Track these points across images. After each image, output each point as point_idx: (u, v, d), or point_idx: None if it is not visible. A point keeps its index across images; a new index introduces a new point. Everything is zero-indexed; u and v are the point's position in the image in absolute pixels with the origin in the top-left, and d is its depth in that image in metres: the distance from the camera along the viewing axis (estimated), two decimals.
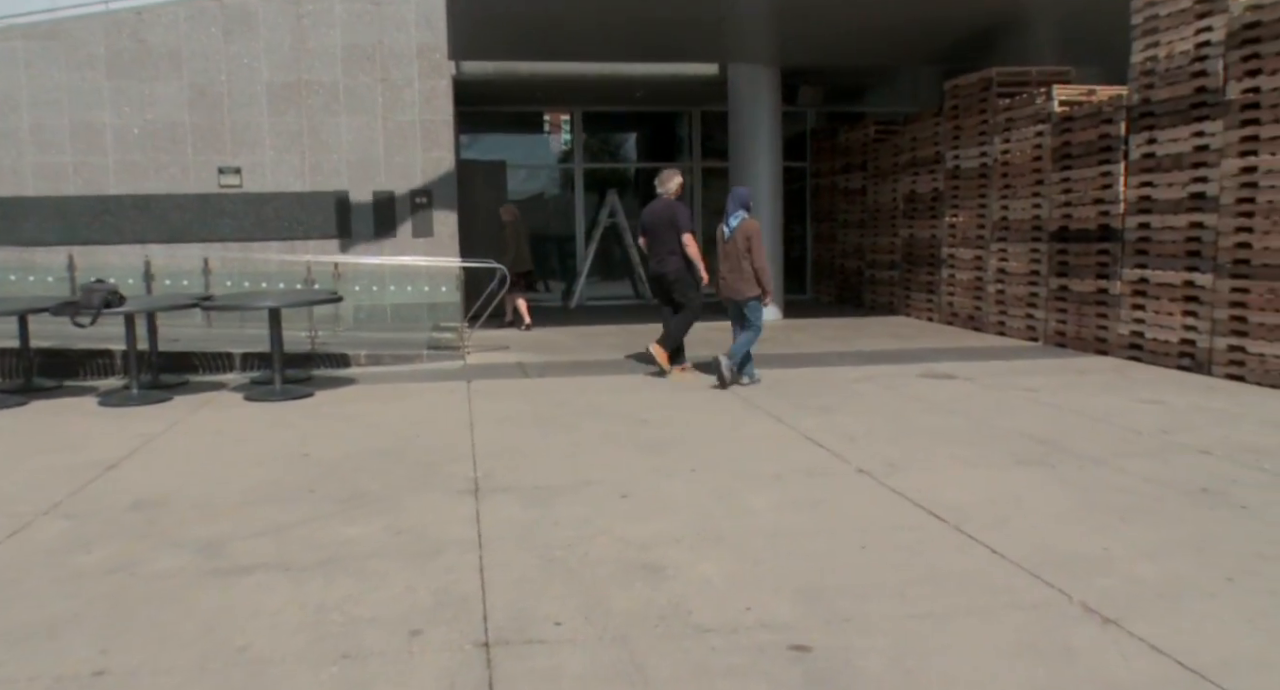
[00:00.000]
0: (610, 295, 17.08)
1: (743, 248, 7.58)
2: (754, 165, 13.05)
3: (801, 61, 12.84)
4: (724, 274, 7.80)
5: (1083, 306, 9.56)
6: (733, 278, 7.71)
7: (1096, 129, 9.27)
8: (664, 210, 8.32)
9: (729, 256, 7.72)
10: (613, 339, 11.43)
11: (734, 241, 7.66)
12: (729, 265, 7.72)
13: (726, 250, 7.75)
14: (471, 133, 17.27)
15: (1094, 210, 9.34)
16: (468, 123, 16.91)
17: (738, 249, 7.62)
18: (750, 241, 7.60)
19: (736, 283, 7.70)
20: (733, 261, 7.68)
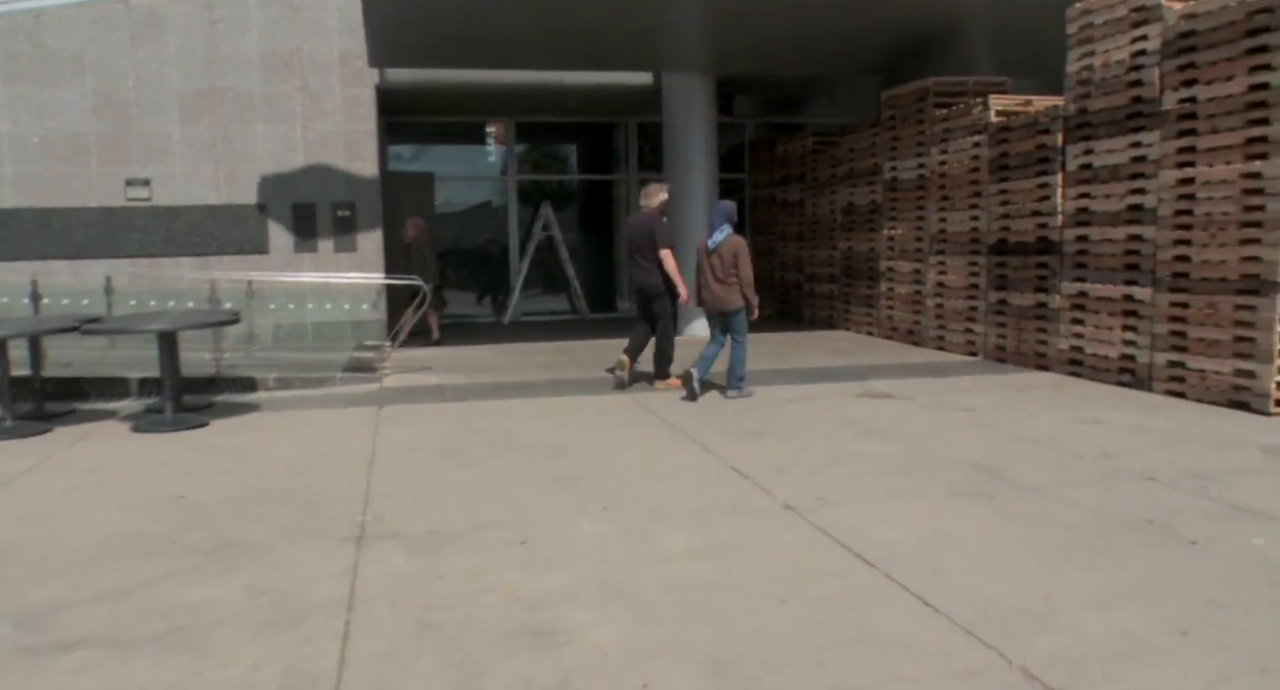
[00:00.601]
0: (547, 310, 16.61)
1: (729, 262, 7.71)
2: (689, 176, 12.69)
3: (737, 71, 12.53)
4: (710, 287, 7.88)
5: (1022, 321, 9.33)
6: (720, 289, 7.82)
7: (1033, 140, 9.05)
8: (644, 225, 8.33)
9: (714, 269, 7.81)
10: (543, 358, 10.96)
11: (719, 255, 7.77)
12: (714, 278, 7.82)
13: (711, 263, 7.83)
14: (406, 143, 16.72)
15: (1032, 222, 9.11)
16: (400, 134, 16.36)
17: (724, 263, 7.73)
18: (738, 257, 7.72)
19: (724, 293, 7.81)
20: (718, 274, 7.79)
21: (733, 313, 7.86)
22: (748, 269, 7.75)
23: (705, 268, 7.87)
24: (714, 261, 7.80)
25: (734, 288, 7.77)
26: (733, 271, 7.71)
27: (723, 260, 7.75)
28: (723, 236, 7.82)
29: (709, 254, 7.84)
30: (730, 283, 7.75)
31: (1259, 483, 4.92)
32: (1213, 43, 7.10)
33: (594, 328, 14.42)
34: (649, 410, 7.37)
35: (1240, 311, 6.89)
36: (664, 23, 10.41)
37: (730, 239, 7.80)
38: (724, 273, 7.74)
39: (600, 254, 17.31)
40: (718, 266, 7.78)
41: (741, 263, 7.73)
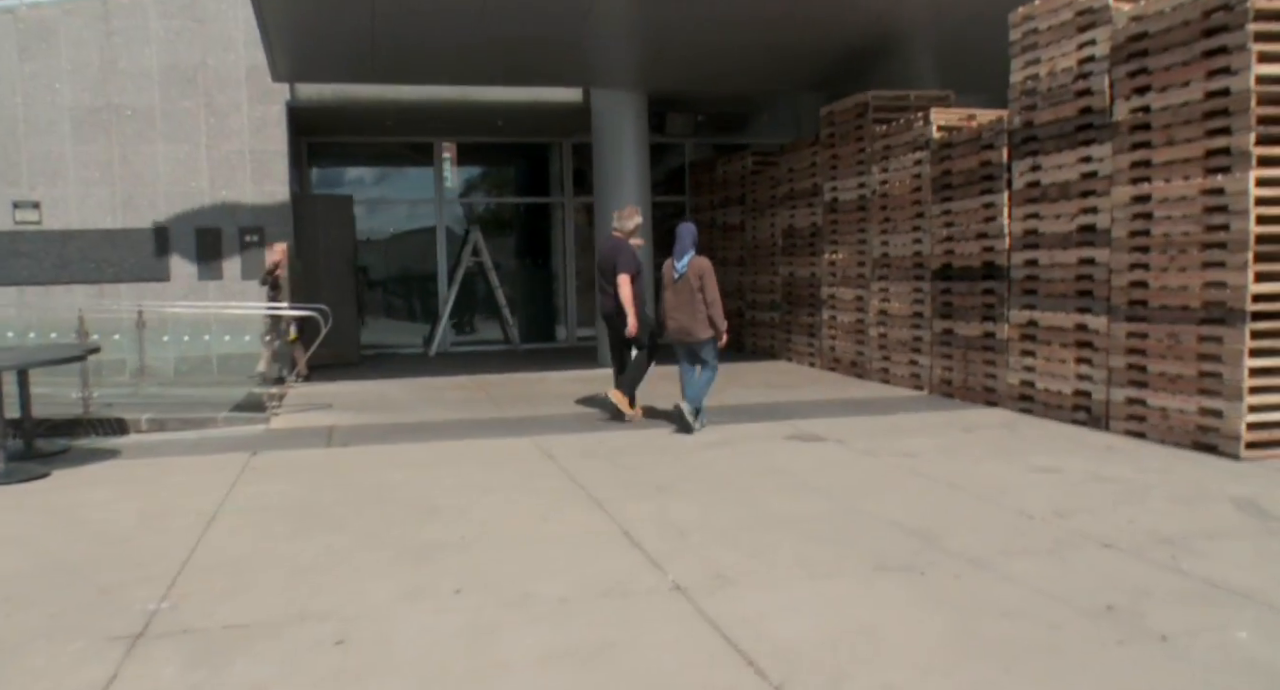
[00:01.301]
0: (478, 340, 15.74)
1: (695, 286, 7.24)
2: (620, 198, 11.92)
3: (669, 86, 11.86)
4: (674, 316, 7.42)
5: (969, 352, 8.64)
6: (685, 319, 7.34)
7: (977, 156, 8.41)
8: (610, 250, 8.05)
9: (680, 296, 7.35)
10: (458, 393, 10.10)
11: (686, 281, 7.30)
12: (680, 306, 7.36)
13: (678, 290, 7.36)
14: (335, 166, 15.84)
15: (977, 245, 8.45)
16: (326, 155, 15.49)
17: (690, 288, 7.27)
18: (703, 280, 7.26)
19: (689, 324, 7.33)
20: (684, 302, 7.32)
21: (702, 344, 7.38)
22: (715, 292, 7.30)
23: (671, 298, 7.37)
24: (680, 290, 7.33)
25: (702, 316, 7.29)
26: (699, 296, 7.25)
27: (689, 287, 7.30)
28: (688, 260, 7.35)
29: (675, 281, 7.36)
30: (698, 311, 7.27)
31: (1235, 550, 4.19)
32: (1166, 46, 6.48)
33: (525, 360, 13.61)
34: (549, 457, 6.54)
35: (1204, 343, 6.23)
36: (588, 34, 9.70)
37: (696, 261, 7.35)
38: (691, 300, 7.28)
39: (536, 281, 16.50)
40: (684, 294, 7.31)
41: (708, 286, 7.26)
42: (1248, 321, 5.94)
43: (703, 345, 7.39)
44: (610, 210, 12.14)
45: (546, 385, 10.72)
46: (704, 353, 7.42)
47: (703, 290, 7.25)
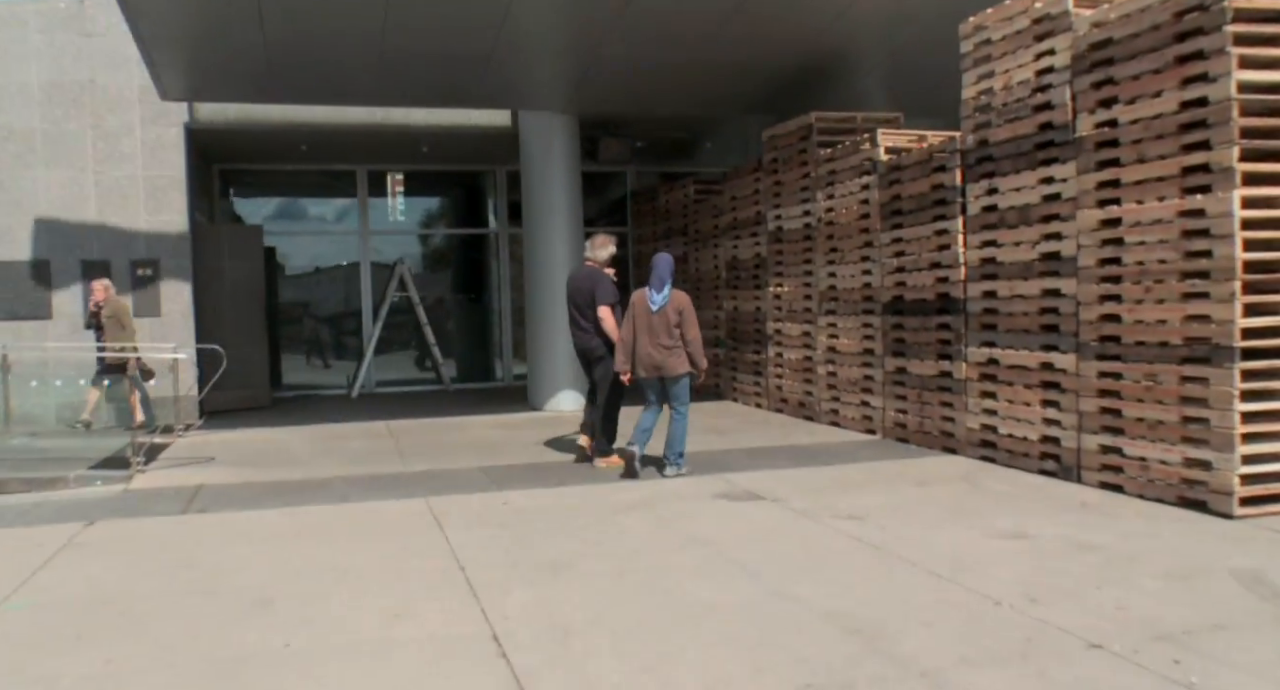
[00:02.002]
0: (407, 379, 14.72)
1: (674, 321, 6.93)
2: (548, 228, 11.08)
3: (601, 109, 11.06)
4: (648, 350, 6.99)
5: (924, 393, 7.82)
6: (659, 353, 6.95)
7: (928, 179, 7.65)
8: (585, 280, 7.60)
9: (654, 330, 6.97)
10: (364, 443, 9.09)
11: (664, 314, 6.94)
12: (653, 340, 6.97)
13: (652, 324, 6.97)
14: (255, 195, 14.84)
15: (930, 276, 7.67)
16: (242, 184, 14.50)
17: (667, 322, 6.93)
18: (683, 315, 6.96)
19: (665, 358, 6.95)
20: (659, 336, 6.95)
21: (677, 379, 6.98)
22: (695, 329, 7.01)
23: (644, 330, 6.98)
24: (655, 322, 6.93)
25: (678, 351, 6.93)
26: (678, 332, 6.92)
27: (667, 321, 6.91)
28: (667, 292, 6.96)
29: (650, 314, 6.96)
30: (674, 346, 6.92)
31: (1253, 648, 3.34)
32: (1134, 53, 5.76)
33: (453, 401, 12.63)
34: (437, 524, 5.57)
35: (1187, 384, 5.44)
36: (505, 51, 8.86)
37: (676, 295, 6.99)
38: (668, 335, 6.92)
39: (471, 317, 15.56)
40: (660, 328, 6.92)
41: (688, 322, 6.96)
42: (1237, 360, 5.17)
43: (676, 381, 6.98)
44: (540, 240, 11.31)
45: (467, 432, 9.75)
46: (677, 390, 7.01)
47: (681, 326, 6.91)
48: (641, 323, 6.97)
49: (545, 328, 11.22)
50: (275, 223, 14.47)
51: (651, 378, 7.00)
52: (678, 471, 6.96)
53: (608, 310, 7.41)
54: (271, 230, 14.37)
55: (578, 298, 7.59)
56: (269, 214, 14.77)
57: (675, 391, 6.99)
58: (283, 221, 14.64)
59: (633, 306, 7.06)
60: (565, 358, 11.17)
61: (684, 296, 7.01)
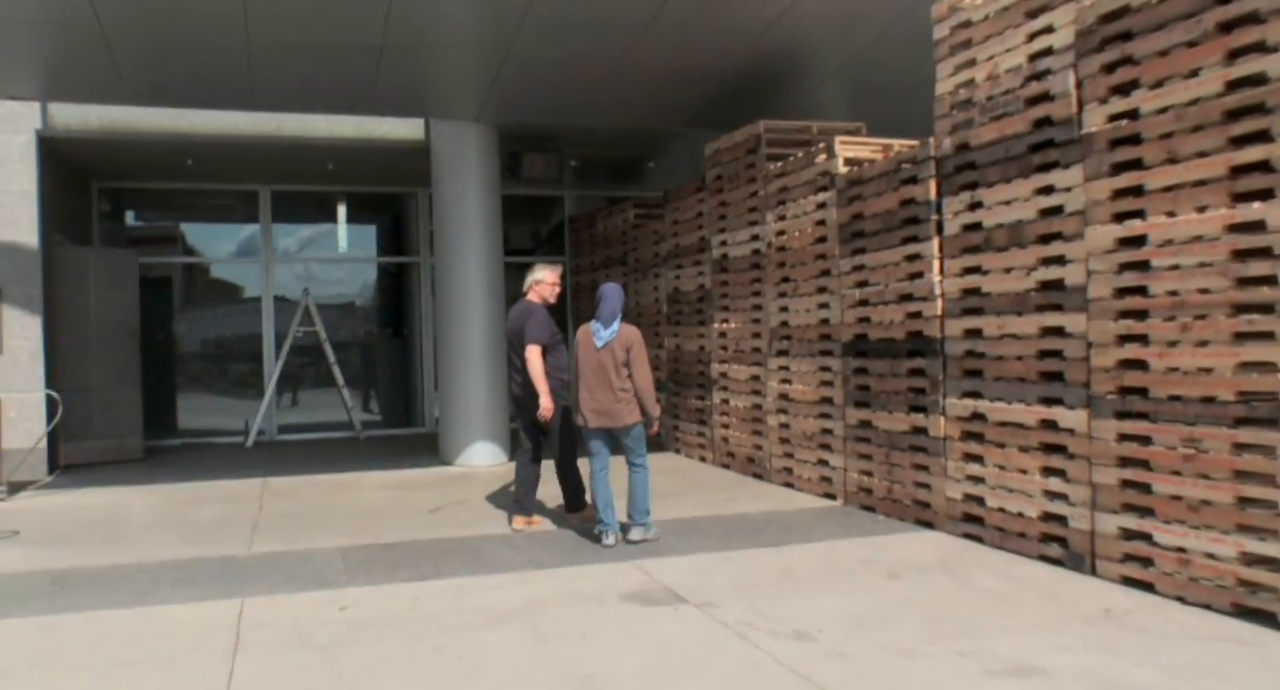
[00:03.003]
0: (312, 425, 13.08)
1: (619, 360, 5.97)
2: (460, 256, 9.63)
3: (522, 119, 9.68)
4: (593, 395, 6.04)
5: (893, 453, 6.44)
6: (605, 398, 6.00)
7: (895, 194, 6.33)
8: (517, 316, 6.57)
9: (599, 372, 6.00)
10: (224, 509, 7.54)
11: (610, 352, 5.98)
12: (599, 383, 6.01)
13: (597, 364, 6.00)
14: (139, 218, 13.26)
15: (900, 311, 6.32)
16: (127, 204, 12.92)
17: (614, 362, 5.97)
18: (632, 354, 6.00)
19: (611, 405, 5.99)
20: (604, 379, 6.00)
21: (627, 429, 6.03)
22: (646, 370, 6.05)
23: (590, 371, 6.04)
24: (603, 361, 5.97)
25: (627, 397, 5.98)
26: (626, 373, 5.96)
27: (614, 359, 5.97)
28: (615, 328, 6.01)
29: (596, 352, 6.01)
30: (623, 390, 5.98)
31: None
32: (1160, 21, 4.48)
33: (359, 452, 11.10)
34: (232, 647, 4.05)
35: (1244, 454, 4.09)
36: (399, 41, 7.46)
37: (624, 330, 6.04)
38: (618, 375, 5.97)
39: (391, 355, 14.02)
40: (608, 368, 5.97)
41: (638, 362, 6.00)
42: None
43: (627, 432, 6.04)
44: (452, 270, 9.85)
45: (354, 493, 8.24)
46: (629, 441, 6.07)
47: (630, 365, 5.97)
48: (587, 362, 6.01)
49: (456, 370, 9.75)
50: (167, 250, 12.91)
51: (602, 427, 6.01)
52: (644, 534, 6.03)
53: (536, 351, 6.27)
54: (162, 258, 12.85)
55: (513, 338, 6.51)
56: (158, 238, 13.20)
57: (628, 443, 6.05)
58: (177, 248, 13.07)
59: (577, 344, 6.11)
60: (480, 405, 9.72)
61: (634, 332, 6.04)
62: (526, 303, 6.52)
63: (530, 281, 6.58)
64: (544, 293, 6.55)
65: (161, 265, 12.88)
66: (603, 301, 6.07)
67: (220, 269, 13.68)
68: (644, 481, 6.09)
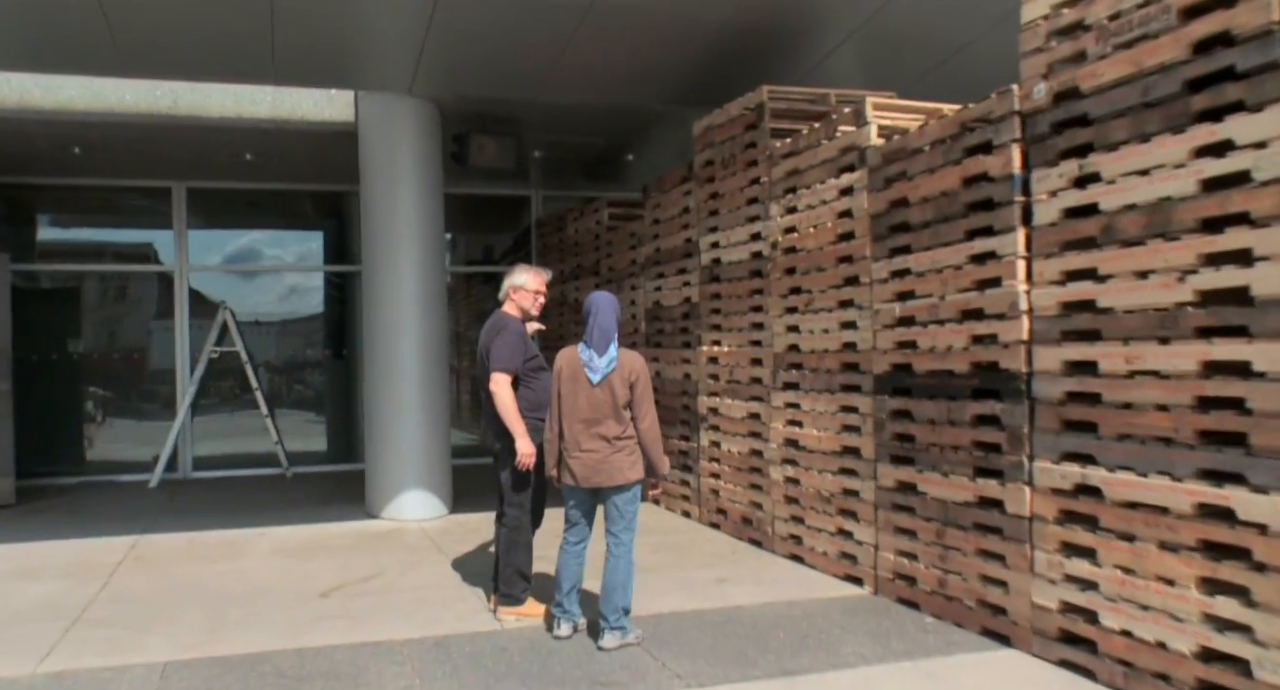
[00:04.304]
0: (234, 459, 11.17)
1: (620, 400, 4.37)
2: (388, 260, 7.79)
3: (470, 92, 7.86)
4: (580, 444, 4.42)
5: (949, 530, 4.61)
6: (598, 449, 4.38)
7: (957, 169, 4.52)
8: (488, 331, 4.91)
9: (592, 415, 4.40)
10: (45, 589, 5.69)
11: (608, 389, 4.38)
12: (590, 429, 4.39)
13: (589, 405, 4.41)
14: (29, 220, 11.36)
15: (962, 333, 4.50)
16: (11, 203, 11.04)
17: (613, 402, 4.38)
18: (636, 390, 4.41)
19: (605, 459, 4.37)
20: (598, 424, 4.39)
21: (621, 490, 4.41)
22: (652, 411, 4.46)
23: (577, 413, 4.43)
24: (597, 401, 4.40)
25: (628, 447, 4.40)
26: (629, 416, 4.42)
27: (613, 398, 4.39)
28: (613, 355, 4.40)
29: (590, 389, 4.41)
30: (625, 438, 4.40)
31: None
32: None
33: (277, 496, 9.34)
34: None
35: None
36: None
37: (626, 358, 4.45)
38: (616, 420, 4.39)
39: (330, 379, 12.15)
40: (604, 410, 4.39)
41: (644, 400, 4.44)
42: None
43: (623, 492, 4.41)
44: (379, 276, 7.99)
45: (239, 561, 6.40)
46: (619, 507, 4.42)
47: (634, 405, 4.40)
48: (572, 401, 4.43)
49: (384, 402, 7.90)
50: (70, 257, 11.07)
51: (585, 488, 4.42)
52: (621, 640, 4.38)
53: (503, 382, 4.69)
54: (65, 265, 10.98)
55: (482, 357, 4.89)
56: (59, 242, 11.34)
57: (618, 511, 4.42)
58: (81, 256, 11.21)
59: (557, 375, 4.50)
60: (413, 444, 7.86)
61: (638, 360, 4.48)
62: (499, 316, 4.90)
63: (506, 287, 4.95)
64: (524, 302, 4.92)
65: (66, 275, 11.01)
66: (592, 317, 4.45)
67: (137, 281, 11.79)
68: (627, 567, 4.42)
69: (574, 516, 4.51)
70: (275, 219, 12.16)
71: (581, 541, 4.57)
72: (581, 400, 4.36)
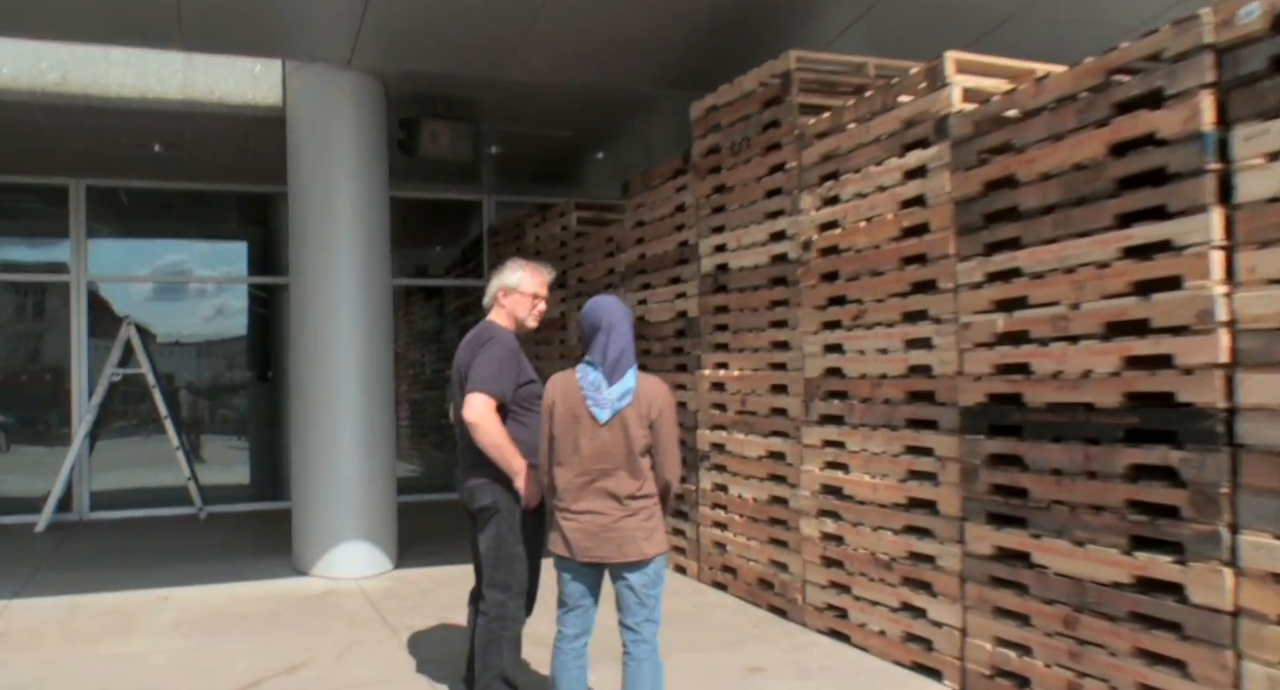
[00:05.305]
0: (140, 498, 9.60)
1: (640, 442, 3.12)
2: (321, 265, 6.41)
3: (421, 67, 6.55)
4: (581, 500, 3.14)
5: (1088, 618, 3.41)
6: (605, 510, 3.13)
7: (1104, 131, 3.37)
8: (469, 344, 3.60)
9: (600, 464, 3.13)
10: None
11: (620, 428, 3.12)
12: (594, 482, 3.13)
13: (597, 449, 3.13)
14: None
15: (1111, 352, 3.33)
16: None
17: (628, 445, 3.11)
18: (658, 428, 3.15)
19: (614, 523, 3.10)
20: (609, 475, 3.12)
21: (638, 567, 3.14)
22: (678, 459, 3.27)
23: (579, 460, 3.17)
24: (608, 444, 3.13)
25: (647, 509, 3.16)
26: (647, 464, 3.17)
27: (629, 440, 3.12)
28: (630, 384, 3.14)
29: (595, 427, 3.14)
30: (638, 497, 3.13)
31: None
32: None
33: (197, 540, 7.99)
34: None
35: None
36: None
37: (646, 386, 3.19)
38: (631, 471, 3.12)
39: (255, 405, 10.67)
40: (612, 454, 3.13)
41: (668, 444, 3.19)
42: None
43: (640, 571, 3.15)
44: (309, 285, 6.62)
45: (126, 643, 5.02)
46: (636, 589, 3.16)
47: (654, 453, 3.18)
48: (569, 446, 3.18)
49: (315, 436, 6.53)
50: None
51: (589, 564, 3.18)
52: None
53: (486, 405, 3.40)
54: None
55: (458, 378, 3.65)
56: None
57: (635, 596, 3.16)
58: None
59: (548, 411, 3.25)
60: (349, 488, 6.49)
61: (661, 389, 3.24)
62: (485, 326, 3.66)
63: (495, 289, 3.71)
64: (518, 309, 3.67)
65: None
66: (602, 332, 3.19)
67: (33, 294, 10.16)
68: (654, 675, 3.16)
69: (571, 597, 3.24)
70: (192, 225, 10.66)
71: (583, 635, 3.31)
72: (584, 444, 3.12)
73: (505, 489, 3.39)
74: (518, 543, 3.38)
